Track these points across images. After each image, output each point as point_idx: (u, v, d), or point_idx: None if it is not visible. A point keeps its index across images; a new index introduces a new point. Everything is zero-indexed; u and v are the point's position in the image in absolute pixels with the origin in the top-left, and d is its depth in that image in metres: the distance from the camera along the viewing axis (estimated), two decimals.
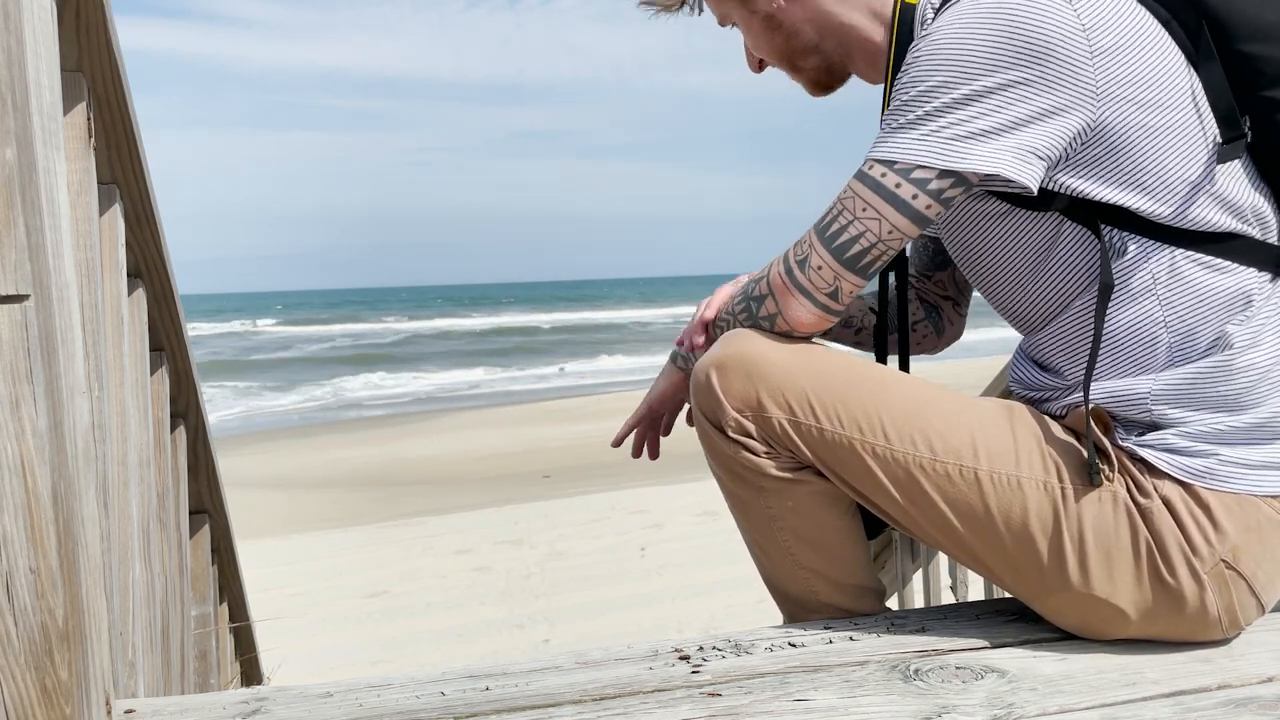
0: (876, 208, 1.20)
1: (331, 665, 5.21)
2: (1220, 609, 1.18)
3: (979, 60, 1.15)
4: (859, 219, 1.21)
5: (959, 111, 1.16)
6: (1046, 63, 1.14)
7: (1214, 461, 1.17)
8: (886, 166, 1.19)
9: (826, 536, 1.34)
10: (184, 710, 1.12)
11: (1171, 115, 1.18)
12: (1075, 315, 1.24)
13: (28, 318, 0.79)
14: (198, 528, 2.31)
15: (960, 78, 1.16)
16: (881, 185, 1.19)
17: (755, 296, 1.32)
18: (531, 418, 17.71)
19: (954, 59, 1.16)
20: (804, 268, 1.25)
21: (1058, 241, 1.23)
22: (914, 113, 1.18)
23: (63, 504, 0.82)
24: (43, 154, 0.83)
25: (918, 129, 1.18)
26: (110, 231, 1.39)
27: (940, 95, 1.16)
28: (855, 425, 1.24)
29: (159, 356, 1.85)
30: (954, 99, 1.16)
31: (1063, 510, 1.19)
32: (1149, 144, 1.17)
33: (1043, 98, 1.15)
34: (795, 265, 1.26)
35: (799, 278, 1.26)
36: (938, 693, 1.11)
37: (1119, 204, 1.18)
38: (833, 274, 1.23)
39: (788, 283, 1.27)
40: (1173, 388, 1.18)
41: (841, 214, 1.23)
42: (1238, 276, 1.19)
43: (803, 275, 1.25)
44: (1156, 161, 1.17)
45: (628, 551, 7.65)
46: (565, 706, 1.09)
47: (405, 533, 8.91)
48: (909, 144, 1.18)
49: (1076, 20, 1.16)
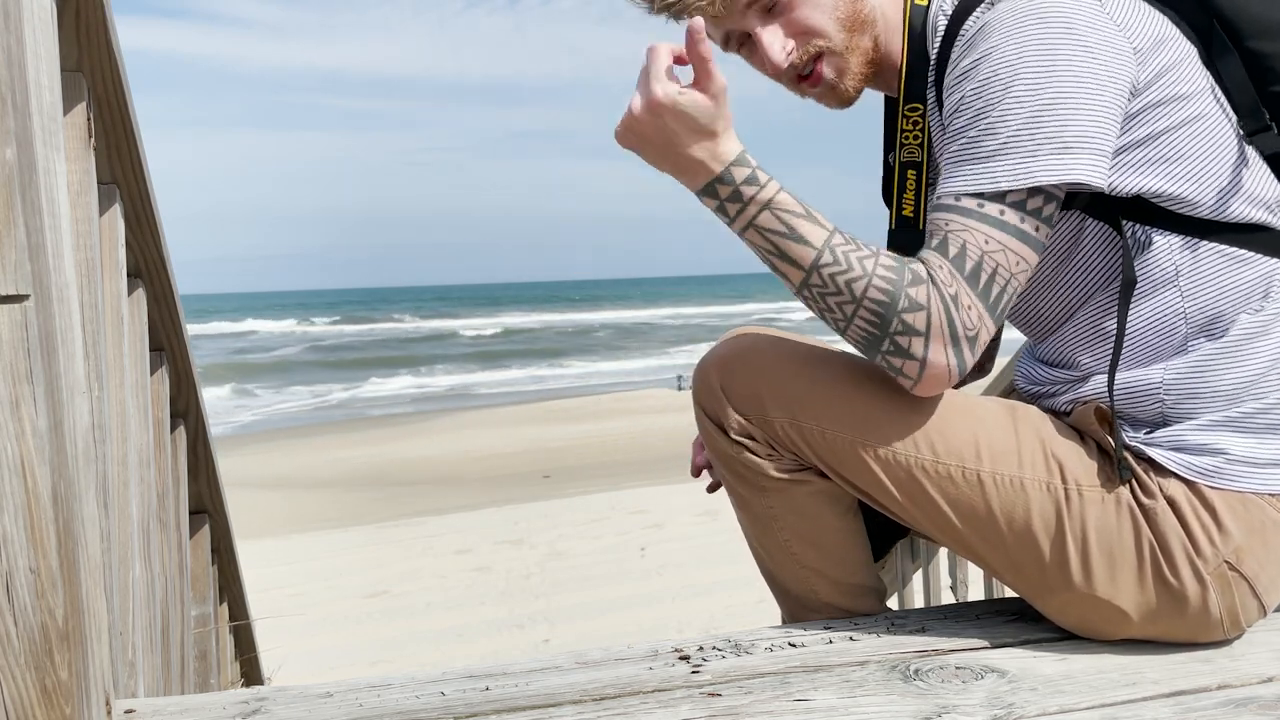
0: (1003, 243, 1.12)
1: (331, 665, 5.21)
2: (1222, 610, 1.18)
3: (1045, 72, 1.12)
4: (989, 254, 1.11)
5: (1045, 126, 1.11)
6: (1103, 60, 1.13)
7: (1221, 460, 1.17)
8: (999, 201, 1.12)
9: (827, 536, 1.34)
10: (184, 710, 1.12)
11: (1198, 106, 1.18)
12: (1090, 312, 1.23)
13: (28, 318, 0.79)
14: (198, 528, 2.31)
15: (1031, 92, 1.12)
16: (1006, 223, 1.12)
17: (895, 334, 1.13)
18: (531, 418, 17.71)
19: (1020, 75, 1.12)
20: (958, 306, 1.11)
21: (1080, 241, 1.22)
22: (999, 136, 1.12)
23: (63, 504, 0.82)
24: (43, 154, 0.83)
25: (1013, 151, 1.11)
26: (110, 231, 1.39)
27: (1018, 113, 1.11)
28: (857, 427, 1.24)
29: (159, 356, 1.85)
30: (1034, 113, 1.11)
31: (1065, 511, 1.19)
32: (1178, 135, 1.17)
33: (1104, 95, 1.13)
34: (950, 302, 1.11)
35: (955, 317, 1.11)
36: (938, 693, 1.11)
37: (1148, 193, 1.17)
38: (978, 314, 1.12)
39: (947, 326, 1.11)
40: (1183, 376, 1.18)
41: (972, 253, 1.11)
42: (1260, 268, 1.19)
43: (958, 315, 1.11)
44: (1185, 152, 1.17)
45: (628, 551, 7.65)
46: (565, 706, 1.09)
47: (405, 533, 8.92)
48: (1012, 168, 1.11)
49: (1112, 20, 1.16)
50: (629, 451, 13.44)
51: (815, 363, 1.27)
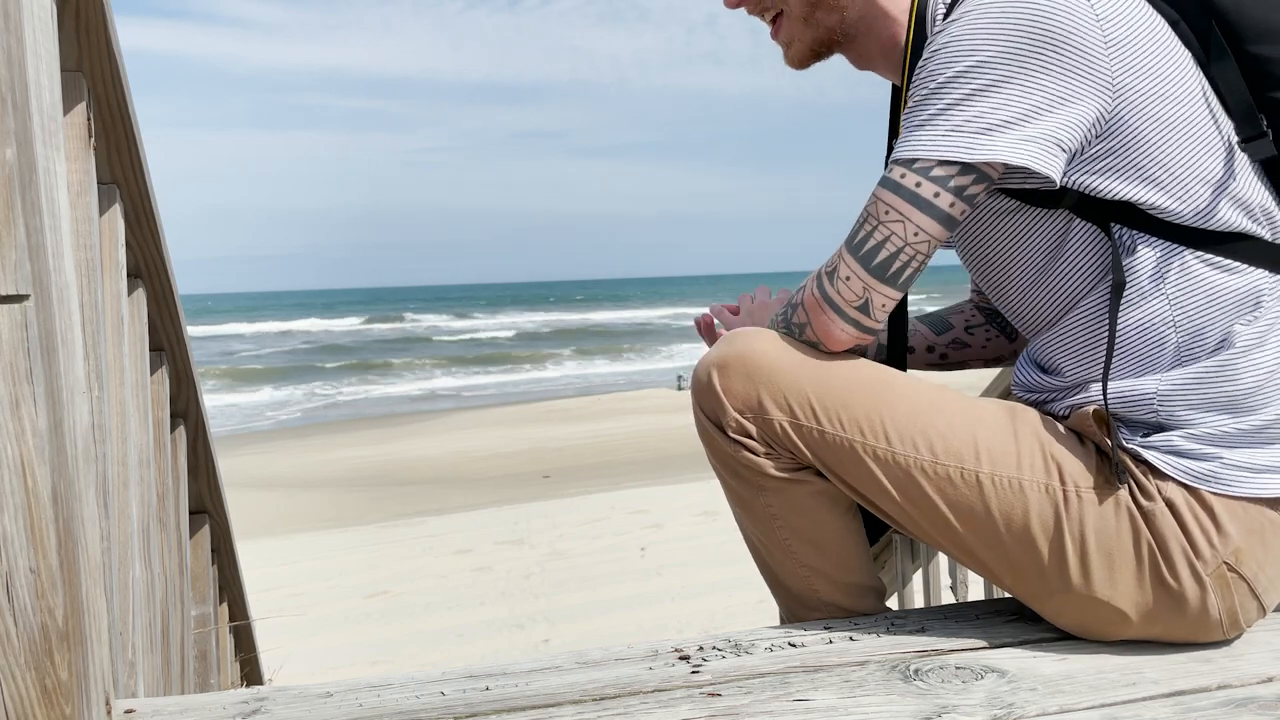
0: (900, 210, 1.17)
1: (331, 665, 5.21)
2: (1222, 611, 1.17)
3: (996, 52, 1.14)
4: (883, 224, 1.19)
5: (978, 104, 1.14)
6: (1064, 52, 1.13)
7: (1218, 465, 1.16)
8: (906, 167, 1.17)
9: (826, 535, 1.34)
10: (184, 710, 1.12)
11: (1184, 110, 1.17)
12: (1081, 315, 1.24)
13: (28, 318, 0.79)
14: (198, 528, 2.31)
15: (977, 70, 1.14)
16: (902, 187, 1.17)
17: (791, 305, 1.29)
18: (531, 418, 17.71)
19: (970, 52, 1.15)
20: (833, 279, 1.22)
21: (1067, 240, 1.22)
22: (931, 108, 1.16)
23: (63, 504, 0.82)
24: (43, 154, 0.83)
25: (938, 125, 1.16)
26: (110, 231, 1.39)
27: (957, 88, 1.15)
28: (856, 427, 1.24)
29: (159, 356, 1.85)
30: (972, 90, 1.14)
31: (1064, 513, 1.19)
32: (1161, 138, 1.17)
33: (1061, 86, 1.14)
34: (825, 277, 1.23)
35: (828, 290, 1.22)
36: (938, 693, 1.11)
37: (1130, 200, 1.17)
38: (861, 285, 1.20)
39: (818, 296, 1.24)
40: (1179, 388, 1.18)
41: (867, 221, 1.20)
42: (1248, 277, 1.19)
43: (831, 287, 1.22)
44: (1169, 156, 1.17)
45: (628, 551, 7.65)
46: (565, 706, 1.09)
47: (405, 533, 8.92)
48: (929, 140, 1.16)
49: (1091, 12, 1.15)
50: (629, 451, 13.44)
51: (814, 363, 1.27)
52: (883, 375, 1.28)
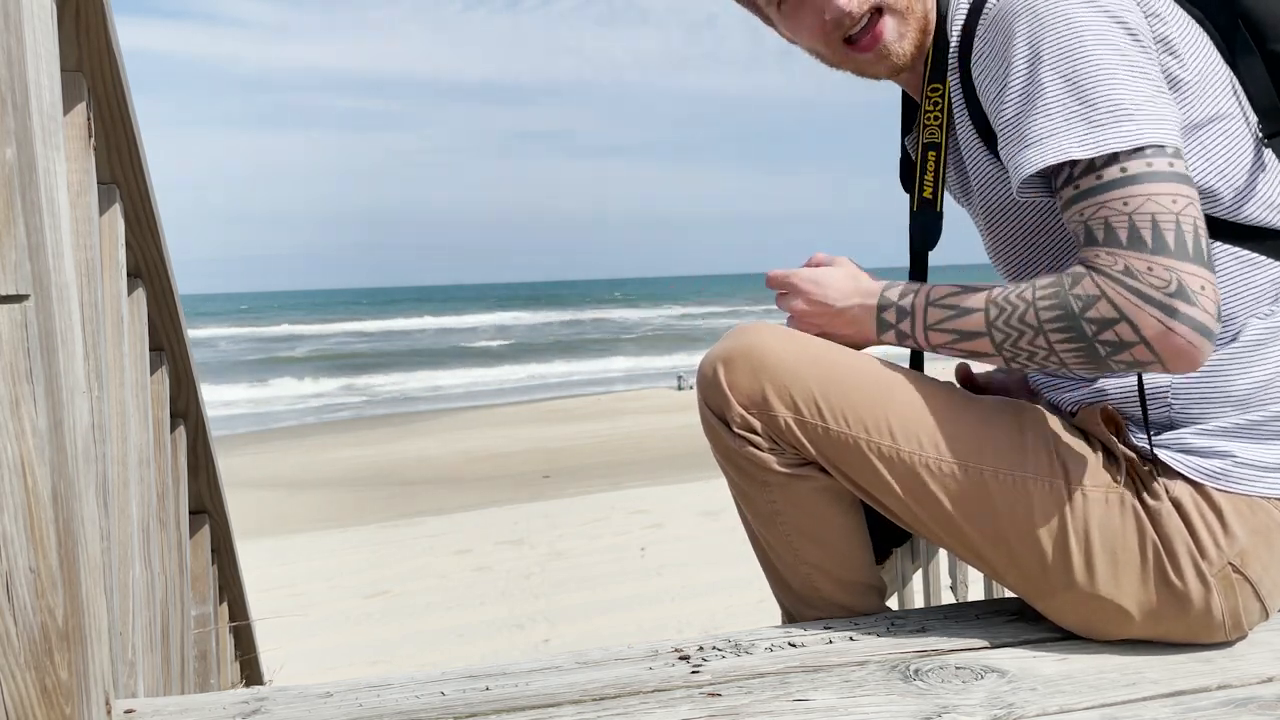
0: (1142, 193, 1.07)
1: (331, 665, 5.21)
2: (1225, 612, 1.17)
3: (1105, 42, 1.11)
4: (1136, 213, 1.06)
5: (1113, 89, 1.09)
6: (1141, 40, 1.14)
7: (1229, 463, 1.16)
8: (1111, 163, 1.08)
9: (829, 532, 1.34)
10: (184, 710, 1.12)
11: (1219, 105, 1.18)
12: None
13: (28, 318, 0.79)
14: (198, 528, 2.31)
15: (1078, 59, 1.10)
16: (1120, 179, 1.08)
17: (1106, 343, 1.09)
18: (531, 418, 17.71)
19: (1083, 42, 1.11)
20: (1134, 274, 1.06)
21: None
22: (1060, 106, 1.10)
23: (63, 504, 0.82)
24: (43, 154, 0.83)
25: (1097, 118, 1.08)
26: (110, 231, 1.39)
27: (1071, 80, 1.10)
28: (860, 424, 1.24)
29: (159, 356, 1.85)
30: (1092, 76, 1.09)
31: (1069, 510, 1.19)
32: (1199, 131, 1.17)
33: (1152, 65, 1.13)
34: (1123, 274, 1.06)
35: (1141, 286, 1.05)
36: (938, 693, 1.11)
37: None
38: (1165, 268, 1.05)
39: (1134, 297, 1.06)
40: (1192, 380, 1.17)
41: (1113, 222, 1.08)
42: (1270, 272, 1.19)
43: (1141, 281, 1.06)
44: (1204, 148, 1.17)
45: (628, 551, 7.64)
46: (565, 706, 1.09)
47: (405, 533, 8.91)
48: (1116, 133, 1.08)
49: (1139, 8, 1.16)
50: (629, 451, 13.43)
51: (819, 359, 1.27)
52: (887, 372, 1.27)
